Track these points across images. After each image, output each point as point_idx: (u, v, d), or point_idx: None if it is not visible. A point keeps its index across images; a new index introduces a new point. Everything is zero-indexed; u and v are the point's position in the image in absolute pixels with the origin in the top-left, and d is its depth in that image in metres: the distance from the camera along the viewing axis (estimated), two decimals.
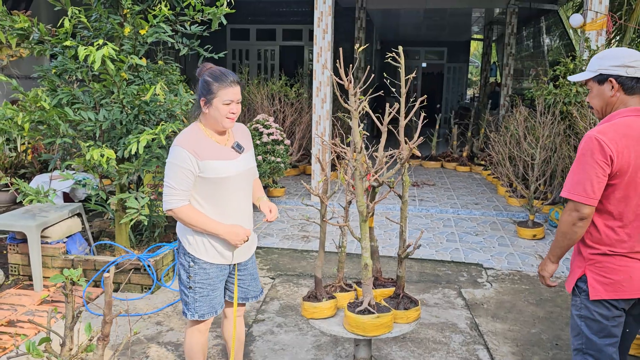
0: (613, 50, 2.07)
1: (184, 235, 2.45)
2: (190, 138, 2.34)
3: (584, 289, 2.10)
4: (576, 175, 2.02)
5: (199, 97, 2.37)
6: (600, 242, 2.06)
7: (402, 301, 2.64)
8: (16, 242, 4.23)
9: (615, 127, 1.99)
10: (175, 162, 2.30)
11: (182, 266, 2.48)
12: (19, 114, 3.72)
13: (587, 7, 6.00)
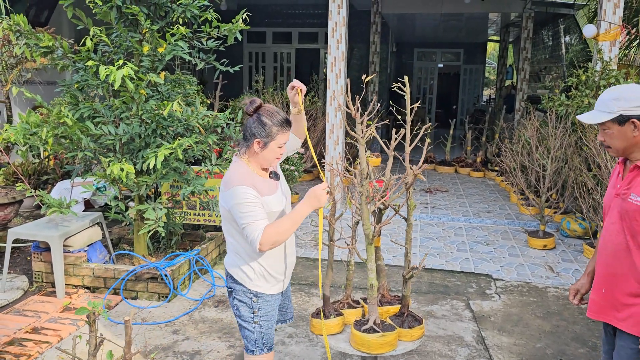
0: (630, 89, 2.07)
1: (241, 272, 2.37)
2: (245, 177, 2.26)
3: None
4: None
5: (252, 137, 2.27)
6: None
7: (407, 319, 2.74)
8: (40, 251, 4.42)
9: None
10: (245, 200, 2.20)
11: (242, 303, 2.39)
12: (43, 129, 3.89)
13: (601, 18, 6.00)
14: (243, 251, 2.36)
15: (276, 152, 2.32)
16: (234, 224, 2.31)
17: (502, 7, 10.97)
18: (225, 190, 2.27)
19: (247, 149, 2.32)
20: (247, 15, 4.40)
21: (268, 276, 2.38)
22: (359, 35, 12.45)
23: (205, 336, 3.73)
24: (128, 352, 1.52)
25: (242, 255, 2.37)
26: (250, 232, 2.19)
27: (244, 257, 2.37)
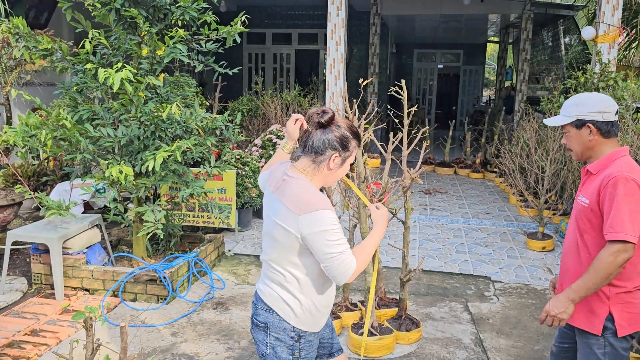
0: (589, 97, 2.20)
1: (286, 306, 2.05)
2: (325, 198, 1.98)
3: (610, 327, 2.14)
4: (625, 216, 2.03)
5: (329, 151, 1.99)
6: (626, 279, 2.12)
7: (404, 322, 2.75)
8: (39, 253, 4.43)
9: (631, 167, 2.11)
10: (334, 227, 1.92)
11: (281, 343, 2.04)
12: (42, 131, 3.90)
13: (600, 20, 6.01)
14: (295, 283, 2.04)
15: (345, 170, 2.10)
16: (296, 253, 1.99)
17: (501, 9, 10.99)
18: (303, 213, 1.91)
19: (319, 164, 2.01)
20: (246, 16, 4.41)
21: (315, 311, 2.07)
22: (358, 36, 12.47)
23: (203, 338, 3.74)
24: (124, 357, 1.52)
25: (290, 288, 2.04)
26: (341, 262, 1.90)
27: (293, 290, 2.04)
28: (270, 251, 2.04)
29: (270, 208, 2.03)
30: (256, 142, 6.91)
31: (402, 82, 2.51)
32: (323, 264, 1.92)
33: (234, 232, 6.08)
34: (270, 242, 2.02)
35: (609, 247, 2.04)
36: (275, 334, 2.04)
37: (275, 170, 2.10)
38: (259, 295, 2.11)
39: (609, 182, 2.08)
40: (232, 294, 4.50)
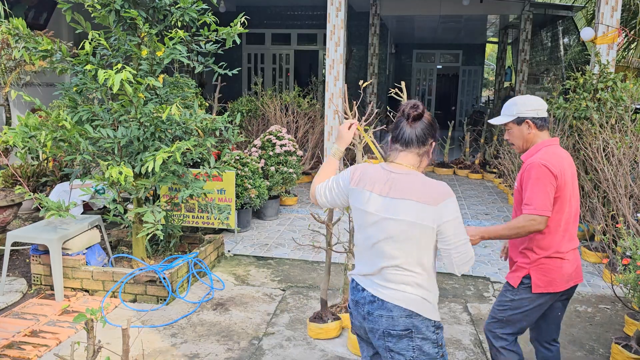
0: (524, 98, 2.63)
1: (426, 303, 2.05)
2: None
3: (526, 283, 2.58)
4: (539, 195, 2.45)
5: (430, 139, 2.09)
6: (544, 247, 2.54)
7: None
8: (38, 253, 4.43)
9: (550, 155, 2.51)
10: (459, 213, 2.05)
11: (427, 341, 2.03)
12: (41, 132, 3.90)
13: (599, 21, 6.02)
14: (426, 277, 2.05)
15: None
16: (430, 247, 2.01)
17: (500, 9, 11.00)
18: (438, 203, 1.95)
19: (422, 155, 2.08)
20: (245, 17, 4.42)
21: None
22: (357, 36, 12.48)
23: (203, 339, 3.74)
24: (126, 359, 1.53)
25: (425, 284, 2.04)
26: (470, 248, 2.02)
27: (427, 285, 2.05)
28: (398, 254, 1.99)
29: (387, 211, 1.99)
30: (255, 142, 6.92)
31: (402, 83, 2.52)
32: (456, 250, 1.98)
33: (233, 232, 6.09)
34: (398, 244, 1.98)
35: (524, 216, 2.47)
36: (420, 335, 2.01)
37: (367, 175, 2.05)
38: (393, 304, 2.01)
39: (527, 167, 2.50)
40: (232, 295, 4.50)
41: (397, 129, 2.07)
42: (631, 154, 4.46)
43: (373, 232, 2.02)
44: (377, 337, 2.05)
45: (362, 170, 2.09)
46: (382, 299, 2.02)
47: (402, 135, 2.05)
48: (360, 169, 2.10)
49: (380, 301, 2.02)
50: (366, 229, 2.04)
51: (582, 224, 5.90)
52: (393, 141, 2.10)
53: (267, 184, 6.52)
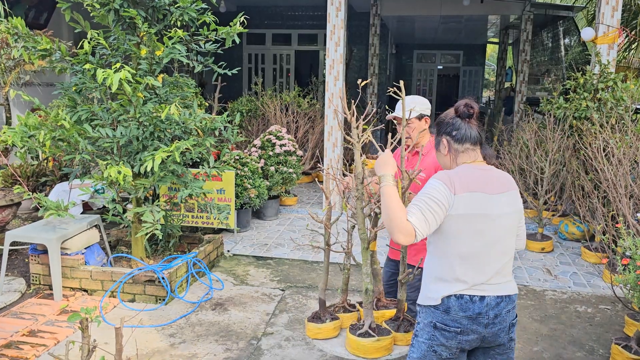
0: (419, 98, 2.98)
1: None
2: None
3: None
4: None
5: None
6: None
7: (403, 324, 2.74)
8: (37, 253, 4.42)
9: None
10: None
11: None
12: (40, 132, 3.89)
13: (599, 21, 6.01)
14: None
15: None
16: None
17: (501, 10, 10.99)
18: (516, 187, 2.13)
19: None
20: (245, 17, 4.41)
21: None
22: (358, 36, 12.47)
23: (202, 339, 3.73)
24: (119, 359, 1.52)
25: None
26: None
27: None
28: (512, 245, 2.12)
29: (505, 206, 2.05)
30: (255, 142, 6.91)
31: (400, 82, 2.51)
32: (521, 233, 2.18)
33: (233, 232, 6.08)
34: (511, 235, 2.10)
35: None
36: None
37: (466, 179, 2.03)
38: (514, 294, 2.11)
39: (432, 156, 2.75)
40: (231, 295, 4.49)
41: (457, 129, 2.11)
42: (631, 153, 4.45)
43: (494, 231, 2.03)
44: (504, 335, 2.08)
45: (457, 176, 2.03)
46: (507, 294, 2.07)
47: (469, 134, 2.10)
48: (453, 176, 2.03)
49: (507, 297, 2.07)
50: (485, 233, 2.01)
51: (582, 224, 5.89)
52: (458, 142, 2.11)
53: (267, 184, 6.51)
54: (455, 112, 2.13)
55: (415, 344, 2.18)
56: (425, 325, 2.12)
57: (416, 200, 1.99)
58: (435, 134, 2.23)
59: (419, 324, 2.17)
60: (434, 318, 2.09)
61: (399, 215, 1.93)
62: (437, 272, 2.10)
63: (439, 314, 2.07)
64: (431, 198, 1.97)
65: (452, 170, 2.09)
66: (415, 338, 2.18)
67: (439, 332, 2.08)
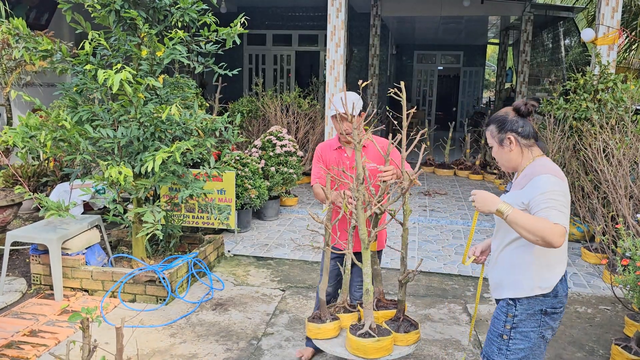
0: (354, 95, 3.06)
1: None
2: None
3: None
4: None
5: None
6: None
7: (403, 324, 2.75)
8: (38, 253, 4.43)
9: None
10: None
11: None
12: (41, 132, 3.90)
13: (599, 22, 6.02)
14: None
15: None
16: None
17: (501, 10, 11.00)
18: None
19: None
20: (246, 18, 4.42)
21: None
22: (358, 37, 12.49)
23: (202, 339, 3.74)
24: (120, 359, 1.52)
25: None
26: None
27: None
28: None
29: None
30: (256, 143, 6.92)
31: (401, 83, 2.52)
32: None
33: (233, 233, 6.09)
34: None
35: None
36: None
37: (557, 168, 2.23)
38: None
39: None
40: (231, 295, 4.50)
41: (522, 126, 2.24)
42: (631, 154, 4.46)
43: None
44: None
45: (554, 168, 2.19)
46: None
47: (532, 130, 2.26)
48: (555, 168, 2.19)
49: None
50: None
51: (582, 225, 5.89)
52: (525, 137, 2.24)
53: (267, 184, 6.52)
54: (517, 112, 2.26)
55: (517, 335, 2.26)
56: (531, 315, 2.24)
57: (546, 202, 2.07)
58: (497, 131, 2.29)
59: (516, 316, 2.26)
60: (543, 305, 2.23)
61: (544, 225, 2.02)
62: (548, 261, 2.22)
63: (548, 300, 2.22)
64: (558, 193, 2.09)
65: (541, 164, 2.20)
66: (515, 330, 2.26)
67: (548, 317, 2.24)
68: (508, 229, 2.24)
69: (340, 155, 3.16)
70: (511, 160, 2.30)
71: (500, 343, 2.30)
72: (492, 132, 2.32)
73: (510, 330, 2.27)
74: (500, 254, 2.35)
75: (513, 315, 2.26)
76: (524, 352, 2.26)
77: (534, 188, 2.12)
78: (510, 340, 2.27)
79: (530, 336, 2.25)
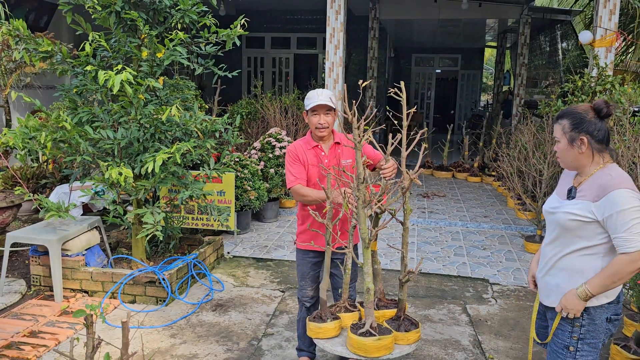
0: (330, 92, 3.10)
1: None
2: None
3: None
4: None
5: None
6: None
7: (403, 323, 2.76)
8: (38, 255, 4.43)
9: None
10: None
11: None
12: (42, 133, 3.91)
13: (597, 24, 6.05)
14: None
15: None
16: None
17: (499, 13, 11.04)
18: None
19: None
20: (245, 20, 4.43)
21: None
22: (357, 40, 12.51)
23: (202, 340, 3.74)
24: (125, 353, 1.53)
25: None
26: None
27: None
28: None
29: None
30: (255, 145, 6.93)
31: (401, 83, 2.53)
32: None
33: (233, 235, 6.09)
34: None
35: None
36: None
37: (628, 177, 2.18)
38: None
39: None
40: (231, 296, 4.50)
41: (599, 130, 2.15)
42: (629, 155, 4.48)
43: None
44: None
45: (630, 180, 2.13)
46: None
47: (608, 135, 2.17)
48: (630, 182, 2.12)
49: None
50: None
51: None
52: (599, 142, 2.16)
53: (267, 186, 6.53)
54: (598, 113, 2.15)
55: (584, 347, 2.22)
56: (599, 324, 2.20)
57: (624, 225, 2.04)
58: (570, 128, 2.19)
59: (583, 326, 2.20)
60: (609, 312, 2.20)
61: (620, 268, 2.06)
62: None
63: (613, 307, 2.20)
64: (635, 209, 2.04)
65: (617, 174, 2.13)
66: (582, 341, 2.21)
67: (611, 324, 2.22)
68: (572, 238, 2.20)
69: (318, 154, 3.13)
70: (577, 161, 2.21)
71: (567, 355, 2.23)
72: (565, 128, 2.20)
73: (577, 341, 2.21)
74: (561, 260, 2.26)
75: (580, 326, 2.20)
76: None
77: (610, 205, 2.06)
78: (577, 352, 2.21)
79: (597, 346, 2.21)
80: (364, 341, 2.56)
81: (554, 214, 2.28)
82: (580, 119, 2.16)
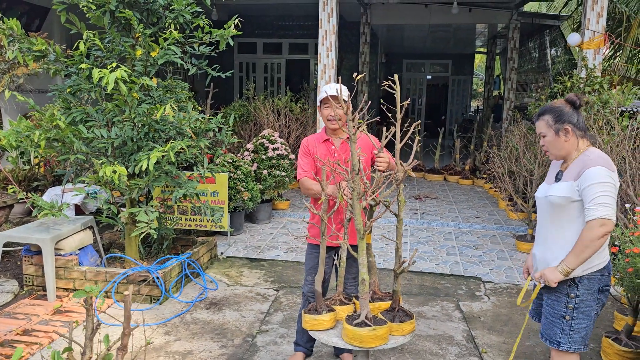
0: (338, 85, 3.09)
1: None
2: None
3: None
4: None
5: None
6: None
7: (398, 314, 2.78)
8: (31, 254, 4.41)
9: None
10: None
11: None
12: (35, 132, 3.90)
13: (585, 27, 6.15)
14: None
15: None
16: None
17: (489, 18, 11.18)
18: None
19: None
20: (239, 19, 4.47)
21: None
22: (348, 45, 12.60)
23: (197, 337, 3.74)
24: (127, 326, 1.54)
25: None
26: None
27: None
28: None
29: None
30: (248, 146, 6.95)
31: (395, 76, 2.57)
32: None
33: (226, 235, 6.09)
34: None
35: None
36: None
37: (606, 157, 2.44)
38: None
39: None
40: (225, 295, 4.51)
41: (577, 118, 2.45)
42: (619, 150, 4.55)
43: None
44: None
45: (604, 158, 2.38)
46: None
47: (584, 122, 2.48)
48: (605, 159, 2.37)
49: None
50: None
51: None
52: (580, 129, 2.45)
53: (260, 187, 6.54)
54: (572, 105, 2.46)
55: (579, 315, 2.42)
56: (591, 293, 2.41)
57: (593, 195, 2.29)
58: (553, 121, 2.47)
59: (578, 296, 2.41)
60: (600, 283, 2.42)
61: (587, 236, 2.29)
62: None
63: (604, 278, 2.43)
64: (608, 184, 2.30)
65: (595, 155, 2.38)
66: (577, 310, 2.42)
67: (603, 295, 2.44)
68: (560, 211, 2.43)
69: (328, 148, 3.19)
70: (564, 149, 2.47)
71: (563, 324, 2.43)
72: (548, 122, 2.48)
73: (572, 310, 2.41)
74: (556, 233, 2.47)
75: (575, 296, 2.41)
76: (585, 330, 2.41)
77: (584, 180, 2.32)
78: (573, 320, 2.41)
79: (591, 314, 2.41)
80: (359, 331, 2.58)
81: (545, 197, 2.52)
82: (560, 112, 2.47)
